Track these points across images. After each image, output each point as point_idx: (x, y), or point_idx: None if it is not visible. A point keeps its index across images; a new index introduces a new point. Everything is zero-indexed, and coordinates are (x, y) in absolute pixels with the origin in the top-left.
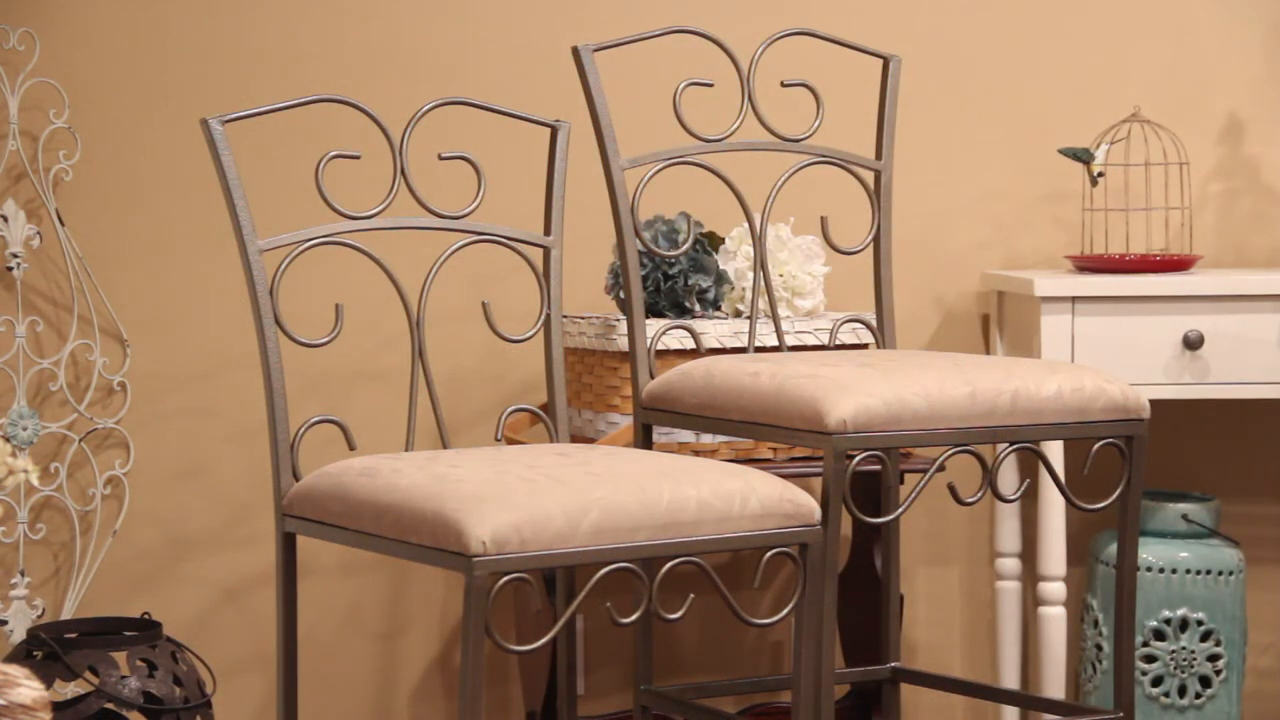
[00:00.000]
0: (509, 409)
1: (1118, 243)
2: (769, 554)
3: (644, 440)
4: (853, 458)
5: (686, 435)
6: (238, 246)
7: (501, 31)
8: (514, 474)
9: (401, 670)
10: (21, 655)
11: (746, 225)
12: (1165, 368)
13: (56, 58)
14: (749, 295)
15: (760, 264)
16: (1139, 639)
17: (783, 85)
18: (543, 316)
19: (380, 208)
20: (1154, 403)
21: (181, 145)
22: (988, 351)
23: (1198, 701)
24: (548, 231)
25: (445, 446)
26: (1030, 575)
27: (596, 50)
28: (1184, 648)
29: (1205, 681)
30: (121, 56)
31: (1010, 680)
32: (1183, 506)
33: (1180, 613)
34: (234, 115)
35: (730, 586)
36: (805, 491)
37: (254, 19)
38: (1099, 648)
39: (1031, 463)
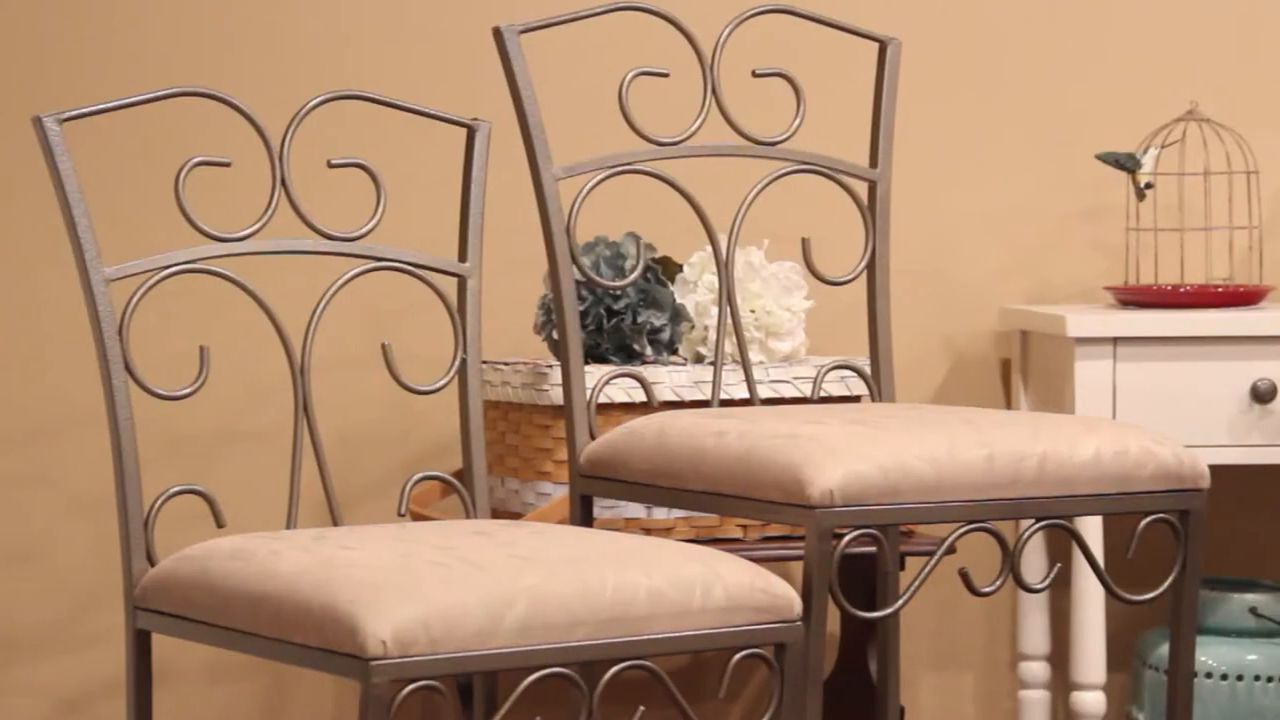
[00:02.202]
0: (415, 477)
1: (1170, 271)
2: (738, 656)
3: (583, 515)
4: (842, 537)
5: (635, 509)
6: (79, 275)
7: (407, 12)
8: (422, 557)
9: None
10: None
11: (709, 249)
12: (1229, 426)
13: None
14: (713, 336)
15: (727, 297)
16: None
17: (755, 75)
18: (457, 362)
19: (256, 227)
20: (1215, 469)
21: (10, 149)
22: (1009, 405)
23: None
24: (463, 257)
25: (336, 523)
26: (1062, 683)
27: (523, 32)
28: None
29: None
30: None
31: None
32: (1250, 598)
33: None
34: (75, 112)
35: (690, 697)
36: (783, 579)
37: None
38: None
39: (1064, 543)
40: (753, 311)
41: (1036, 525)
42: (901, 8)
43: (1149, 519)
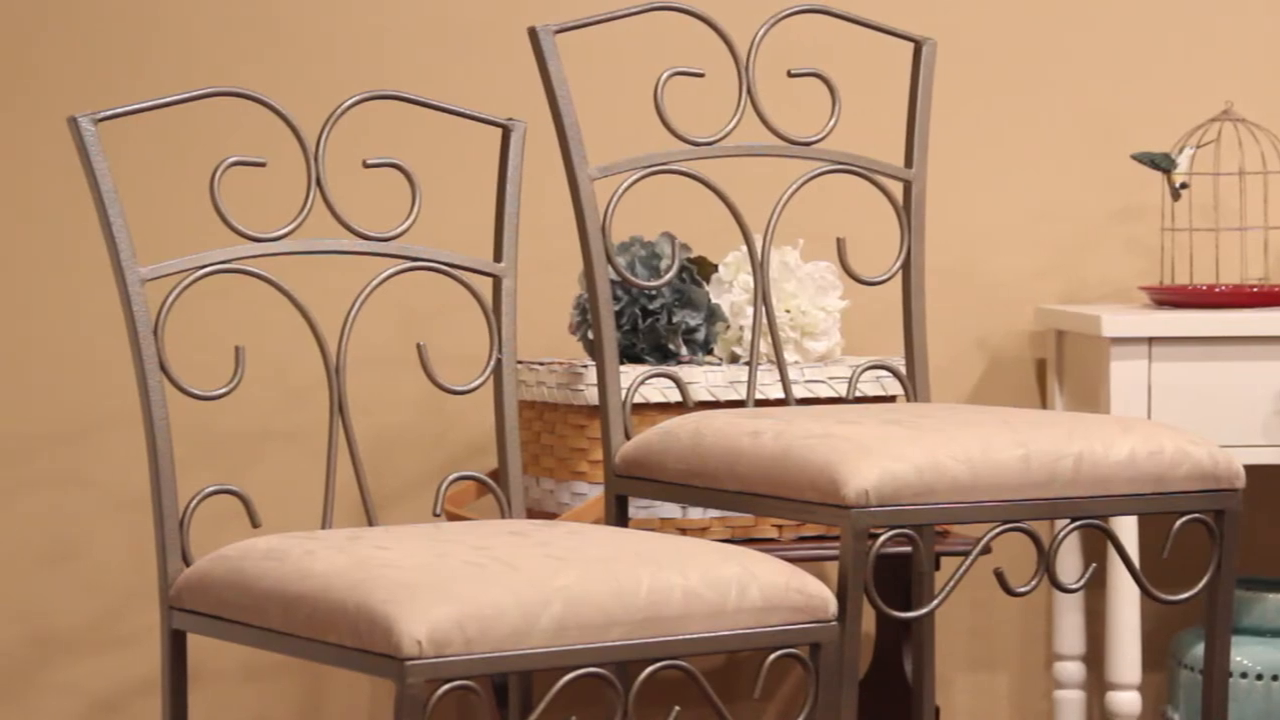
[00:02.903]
0: (450, 477)
1: (1205, 271)
2: (773, 656)
3: (618, 515)
4: (877, 537)
5: (670, 509)
6: (114, 275)
7: (442, 12)
8: (457, 557)
9: None
10: None
11: (744, 249)
12: (1264, 426)
13: None
14: (748, 336)
15: (762, 297)
16: None
17: (790, 75)
18: (492, 362)
19: (291, 227)
20: (1250, 469)
21: (46, 149)
22: (1044, 405)
23: None
24: (498, 257)
25: (371, 523)
26: (1097, 683)
27: (559, 32)
28: None
29: None
30: None
31: None
32: None
33: None
34: (110, 112)
35: (725, 697)
36: (818, 579)
37: None
38: None
39: (1099, 543)
40: (788, 311)
41: (1072, 525)
42: (937, 7)
43: (1184, 519)
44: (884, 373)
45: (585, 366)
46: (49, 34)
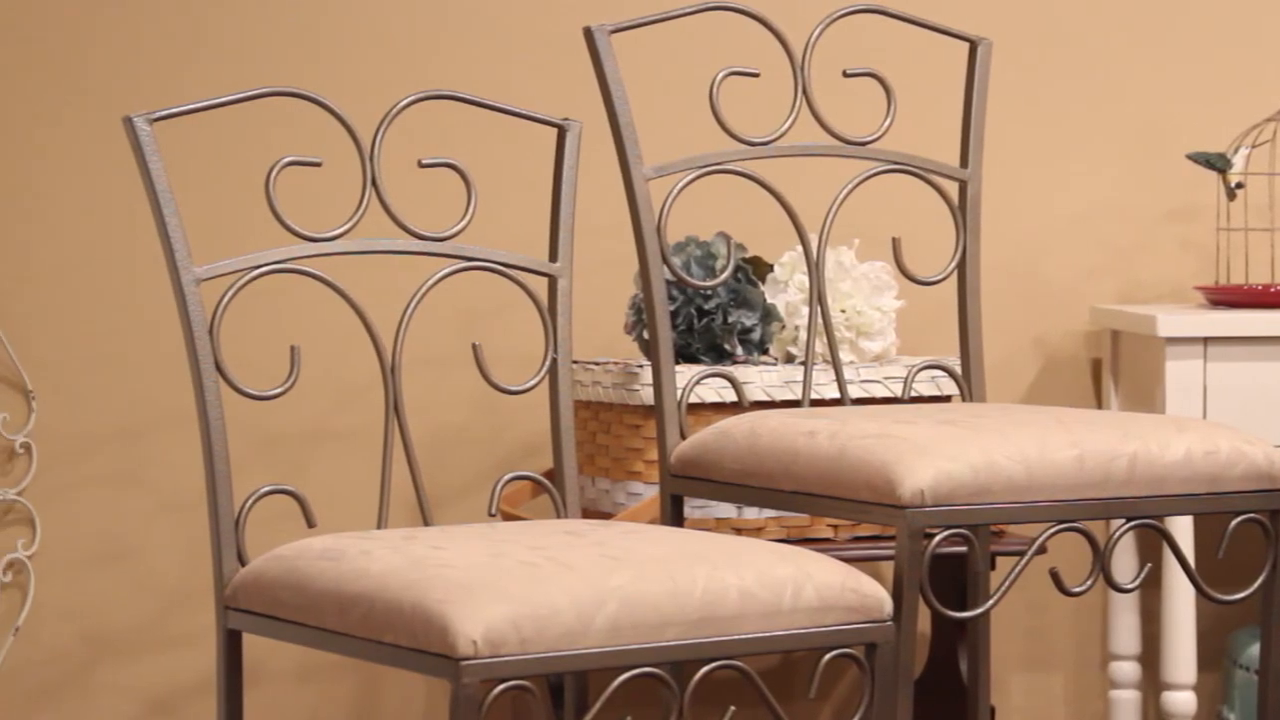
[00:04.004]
0: (506, 477)
1: (1261, 270)
2: (828, 656)
3: (673, 515)
4: (932, 537)
5: (726, 509)
6: (169, 275)
7: (497, 12)
8: (512, 557)
9: None
10: None
11: (800, 249)
12: None
13: None
14: (803, 336)
15: (818, 297)
16: None
17: (845, 75)
18: (547, 362)
19: (346, 227)
20: None
21: (100, 150)
22: (1099, 405)
23: None
24: (554, 257)
25: (427, 523)
26: (1152, 683)
27: (614, 32)
28: None
29: None
30: (26, 41)
31: None
32: None
33: None
34: (165, 112)
35: (780, 697)
36: (873, 579)
37: None
38: None
39: (1154, 543)
40: (843, 311)
41: (1127, 525)
42: (992, 7)
43: (1239, 519)
44: (939, 373)
45: (641, 366)
46: (104, 35)
